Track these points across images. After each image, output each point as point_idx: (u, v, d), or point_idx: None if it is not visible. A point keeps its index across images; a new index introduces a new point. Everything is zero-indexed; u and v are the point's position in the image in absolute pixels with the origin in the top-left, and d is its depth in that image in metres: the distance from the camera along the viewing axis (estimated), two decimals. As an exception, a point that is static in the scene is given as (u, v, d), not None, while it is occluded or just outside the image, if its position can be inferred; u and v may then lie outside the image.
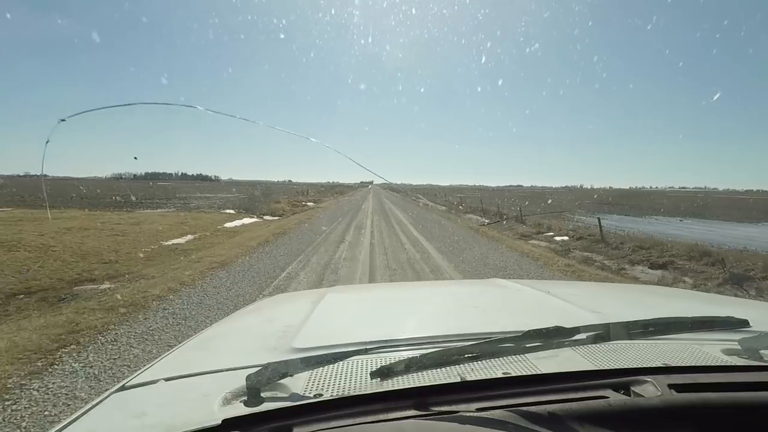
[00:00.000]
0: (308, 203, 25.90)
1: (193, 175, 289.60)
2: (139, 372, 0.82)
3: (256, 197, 22.37)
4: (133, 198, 28.17)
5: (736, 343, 0.78)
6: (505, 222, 17.78)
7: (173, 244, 9.58)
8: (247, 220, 15.67)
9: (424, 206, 27.97)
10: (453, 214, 21.19)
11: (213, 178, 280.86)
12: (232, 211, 18.39)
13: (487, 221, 18.48)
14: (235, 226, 13.77)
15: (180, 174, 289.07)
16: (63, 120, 2.00)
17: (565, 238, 12.50)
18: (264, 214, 18.17)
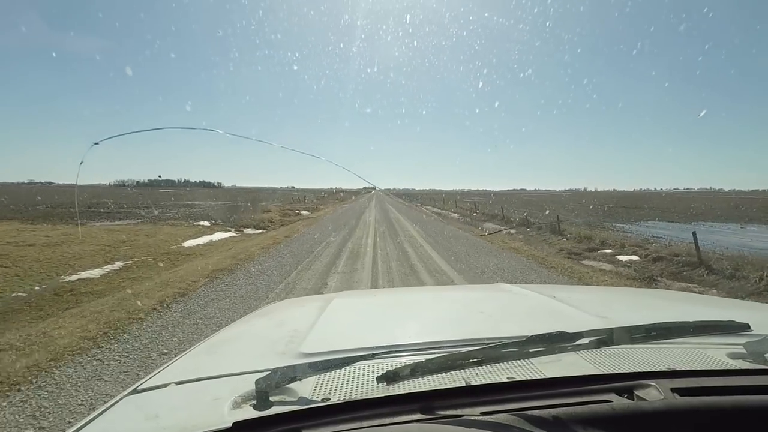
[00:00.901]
0: (302, 212, 22.67)
1: (196, 181, 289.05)
2: (150, 375, 0.82)
3: (238, 207, 19.10)
4: (111, 206, 25.16)
5: (741, 346, 0.77)
6: (535, 231, 14.71)
7: (78, 279, 6.46)
8: (219, 236, 12.57)
9: (434, 214, 24.68)
10: (469, 224, 17.96)
11: (216, 184, 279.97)
12: (206, 224, 15.29)
13: (512, 231, 15.37)
14: (197, 245, 10.66)
15: (183, 180, 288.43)
16: (96, 143, 2.13)
17: (634, 257, 9.19)
18: (245, 227, 15.07)
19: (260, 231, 14.53)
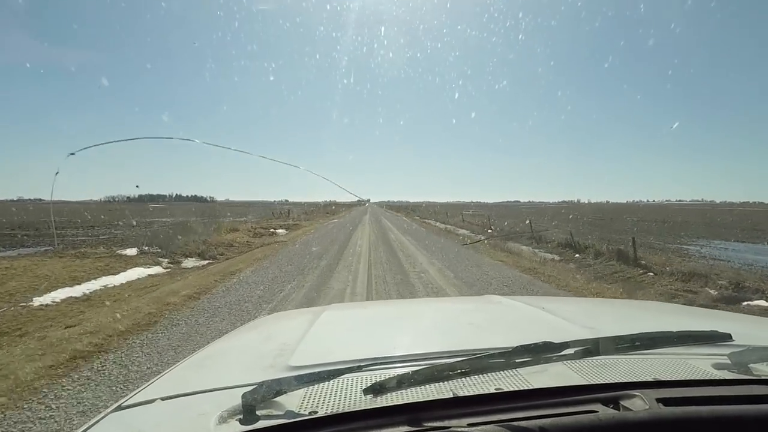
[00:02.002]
0: (279, 230, 18.20)
1: (187, 196, 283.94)
2: (136, 391, 0.81)
3: (194, 226, 14.63)
4: (52, 225, 20.68)
5: (725, 357, 0.78)
6: (591, 257, 10.54)
7: None
8: (135, 273, 8.23)
9: (440, 231, 20.37)
10: (496, 248, 13.58)
11: (208, 199, 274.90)
12: (133, 252, 10.92)
13: (555, 256, 11.20)
14: (72, 297, 6.29)
15: (174, 195, 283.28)
16: (72, 154, 2.16)
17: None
18: (189, 255, 10.72)
19: (207, 262, 10.21)
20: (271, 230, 17.76)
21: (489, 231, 18.83)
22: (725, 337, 0.83)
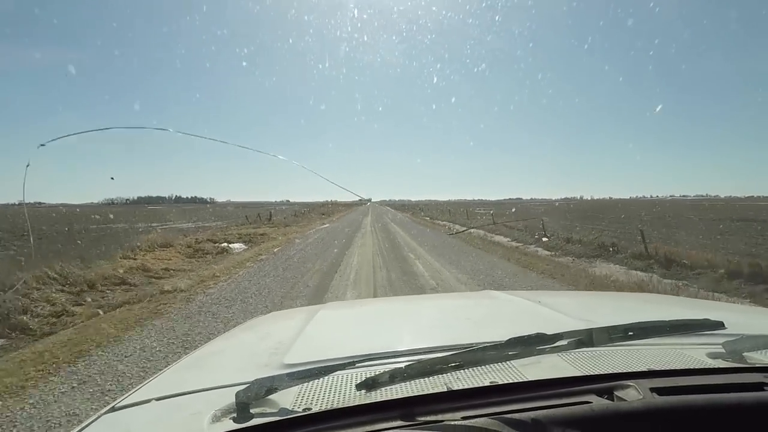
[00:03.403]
0: (235, 245, 11.77)
1: (187, 197, 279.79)
2: (130, 392, 0.80)
3: (96, 238, 8.73)
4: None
5: (720, 346, 0.77)
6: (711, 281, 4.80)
7: None
8: None
9: (478, 244, 14.08)
10: (574, 267, 7.75)
11: (209, 200, 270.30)
12: None
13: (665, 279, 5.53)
14: None
15: (174, 197, 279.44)
16: (42, 145, 1.98)
17: None
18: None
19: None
20: (224, 244, 11.86)
21: (545, 240, 12.99)
22: (718, 325, 0.82)
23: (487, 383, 0.66)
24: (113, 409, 0.71)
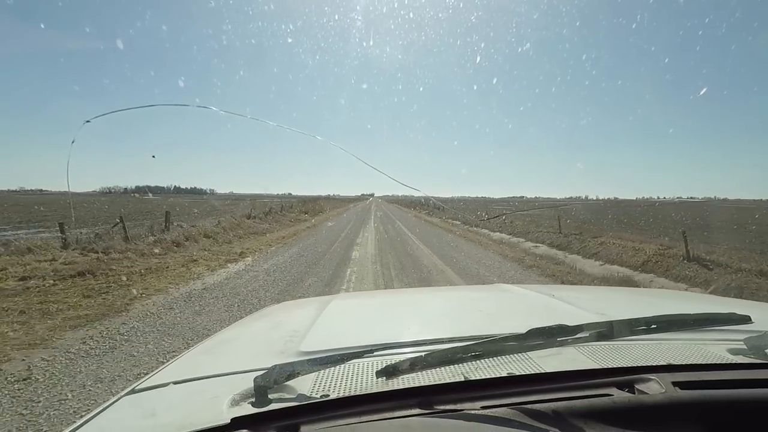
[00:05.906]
0: (194, 258, 7.99)
1: (186, 188, 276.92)
2: (148, 376, 0.81)
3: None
4: None
5: (741, 342, 0.77)
6: None
7: None
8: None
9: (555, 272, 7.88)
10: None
11: (208, 191, 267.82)
12: None
13: None
14: None
15: (173, 187, 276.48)
16: (88, 121, 2.00)
17: None
18: None
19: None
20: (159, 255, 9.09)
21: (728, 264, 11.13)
22: (745, 319, 0.81)
23: (504, 374, 0.66)
24: (133, 391, 0.72)
